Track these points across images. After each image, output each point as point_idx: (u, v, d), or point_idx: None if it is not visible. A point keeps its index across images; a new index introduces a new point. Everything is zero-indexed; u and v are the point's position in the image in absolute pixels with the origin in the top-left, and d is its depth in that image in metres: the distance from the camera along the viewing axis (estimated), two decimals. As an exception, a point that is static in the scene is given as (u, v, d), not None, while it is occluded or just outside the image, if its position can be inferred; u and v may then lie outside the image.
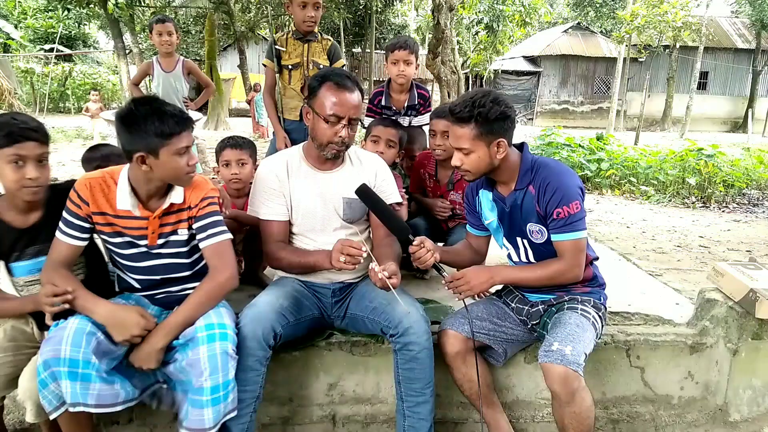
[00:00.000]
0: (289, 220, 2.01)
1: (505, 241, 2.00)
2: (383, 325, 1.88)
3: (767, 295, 2.08)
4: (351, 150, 2.06)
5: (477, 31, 17.22)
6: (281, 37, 3.21)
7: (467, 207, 2.11)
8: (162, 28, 3.86)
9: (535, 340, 2.08)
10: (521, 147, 1.92)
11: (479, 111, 1.73)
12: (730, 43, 26.34)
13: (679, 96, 24.12)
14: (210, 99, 7.61)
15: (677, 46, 22.99)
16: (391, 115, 2.98)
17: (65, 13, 21.53)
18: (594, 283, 1.98)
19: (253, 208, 2.02)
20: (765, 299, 2.08)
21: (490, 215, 1.99)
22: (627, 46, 20.13)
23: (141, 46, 17.79)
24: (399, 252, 2.02)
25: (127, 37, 15.57)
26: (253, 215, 2.03)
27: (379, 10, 21.62)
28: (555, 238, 1.83)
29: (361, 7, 22.26)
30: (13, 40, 20.55)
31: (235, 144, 2.45)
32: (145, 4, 15.53)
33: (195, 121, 1.84)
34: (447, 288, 1.90)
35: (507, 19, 15.55)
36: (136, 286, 1.84)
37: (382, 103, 3.01)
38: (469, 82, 21.18)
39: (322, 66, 3.17)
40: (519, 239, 1.94)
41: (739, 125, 25.23)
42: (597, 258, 2.03)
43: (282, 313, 1.84)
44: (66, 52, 21.94)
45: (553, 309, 1.94)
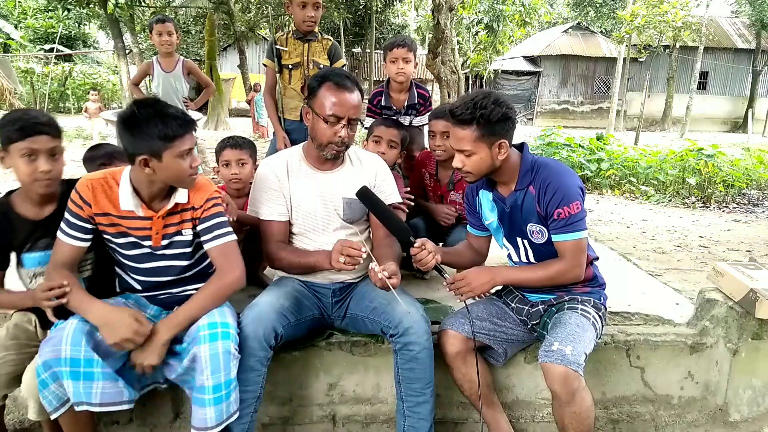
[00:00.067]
0: (289, 221, 2.01)
1: (506, 242, 2.00)
2: (383, 325, 1.88)
3: (767, 295, 2.09)
4: (351, 150, 2.06)
5: (477, 31, 17.20)
6: (281, 37, 3.21)
7: (467, 207, 2.10)
8: (162, 28, 3.86)
9: (535, 340, 2.08)
10: (521, 147, 1.91)
11: (481, 113, 1.72)
12: (730, 43, 26.33)
13: (679, 96, 24.12)
14: (210, 99, 7.62)
15: (677, 46, 22.98)
16: (391, 115, 2.96)
17: (65, 13, 21.52)
18: (594, 283, 1.98)
19: (253, 208, 2.02)
20: (765, 299, 2.08)
21: (491, 215, 1.99)
22: (627, 46, 20.12)
23: (141, 46, 17.78)
24: (399, 252, 2.02)
25: (127, 37, 15.56)
26: (253, 215, 2.03)
27: (379, 10, 21.63)
28: (556, 238, 1.83)
29: (361, 7, 22.27)
30: (13, 40, 20.54)
31: (235, 144, 2.45)
32: (145, 4, 15.51)
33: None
34: (448, 289, 1.90)
35: (507, 19, 15.53)
36: (137, 287, 1.84)
37: (382, 103, 2.99)
38: (469, 82, 21.16)
39: (322, 66, 3.17)
40: (519, 239, 1.94)
41: (739, 125, 25.23)
42: (597, 258, 2.03)
43: (283, 313, 1.84)
44: (66, 52, 21.93)
45: (553, 309, 1.94)
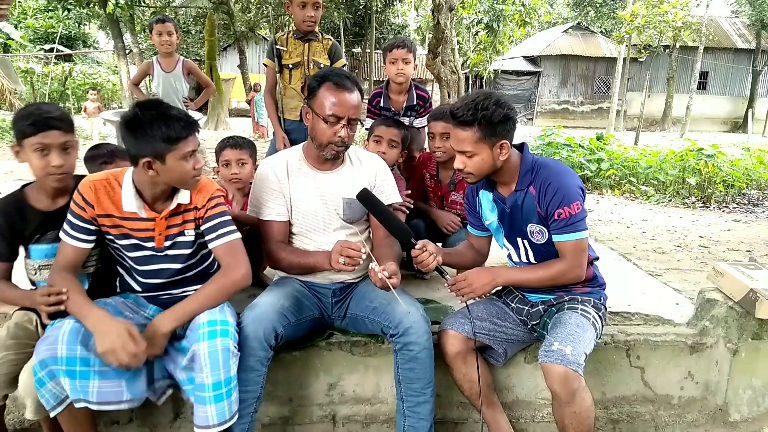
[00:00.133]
0: (289, 221, 2.01)
1: (506, 242, 2.00)
2: (383, 325, 1.88)
3: (767, 295, 2.09)
4: (351, 150, 2.05)
5: (477, 31, 17.19)
6: (282, 37, 3.21)
7: (468, 207, 2.10)
8: (162, 28, 3.86)
9: (535, 340, 2.08)
10: (521, 147, 1.91)
11: (483, 114, 1.72)
12: (730, 43, 26.33)
13: (679, 96, 24.12)
14: (210, 99, 7.61)
15: (677, 46, 22.99)
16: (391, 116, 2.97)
17: (65, 13, 21.55)
18: (594, 283, 1.98)
19: (253, 208, 2.02)
20: (765, 299, 2.08)
21: (491, 216, 1.99)
22: (627, 46, 20.13)
23: (141, 46, 17.81)
24: (399, 252, 2.02)
25: (127, 37, 15.59)
26: (253, 215, 2.03)
27: (379, 10, 21.64)
28: (556, 238, 1.83)
29: (361, 7, 22.29)
30: (13, 40, 20.53)
31: (235, 144, 2.45)
32: (145, 4, 15.54)
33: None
34: (449, 290, 1.90)
35: (507, 18, 15.53)
36: (137, 288, 1.84)
37: (381, 104, 2.99)
38: (469, 82, 21.16)
39: (322, 65, 3.17)
40: (519, 240, 1.94)
41: (739, 125, 25.22)
42: (597, 258, 2.03)
43: (283, 313, 1.84)
44: (66, 52, 21.93)
45: (553, 309, 1.94)
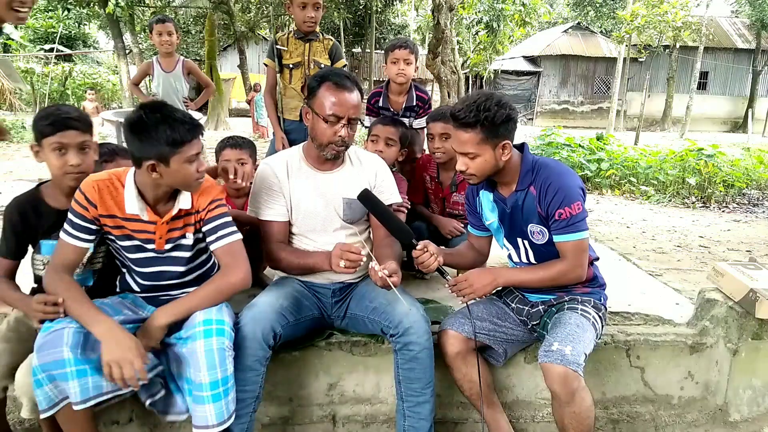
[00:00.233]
0: (288, 221, 2.01)
1: (506, 242, 2.00)
2: (383, 325, 1.88)
3: (767, 295, 2.09)
4: (351, 150, 2.05)
5: (477, 31, 17.18)
6: (282, 37, 3.22)
7: (468, 208, 2.10)
8: (162, 28, 3.86)
9: (535, 340, 2.07)
10: (521, 147, 1.91)
11: (485, 115, 1.71)
12: (730, 43, 26.33)
13: (679, 96, 24.11)
14: (210, 99, 7.61)
15: (677, 46, 22.98)
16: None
17: (65, 13, 21.51)
18: (594, 283, 1.98)
19: (253, 208, 2.02)
20: (765, 299, 2.08)
21: (491, 216, 1.99)
22: (627, 46, 20.12)
23: (141, 46, 17.80)
24: (399, 251, 2.02)
25: (127, 37, 15.59)
26: (252, 215, 2.03)
27: (379, 10, 21.64)
28: (557, 238, 1.83)
29: (361, 7, 22.29)
30: (13, 40, 20.54)
31: (235, 144, 2.45)
32: (145, 4, 15.54)
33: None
34: (450, 291, 1.90)
35: (507, 18, 15.52)
36: (136, 288, 1.84)
37: (380, 104, 2.99)
38: (469, 82, 21.17)
39: (323, 65, 3.18)
40: (520, 240, 1.94)
41: (739, 125, 25.22)
42: (597, 258, 2.02)
43: (282, 313, 1.84)
44: (66, 52, 21.92)
45: (553, 309, 1.94)
